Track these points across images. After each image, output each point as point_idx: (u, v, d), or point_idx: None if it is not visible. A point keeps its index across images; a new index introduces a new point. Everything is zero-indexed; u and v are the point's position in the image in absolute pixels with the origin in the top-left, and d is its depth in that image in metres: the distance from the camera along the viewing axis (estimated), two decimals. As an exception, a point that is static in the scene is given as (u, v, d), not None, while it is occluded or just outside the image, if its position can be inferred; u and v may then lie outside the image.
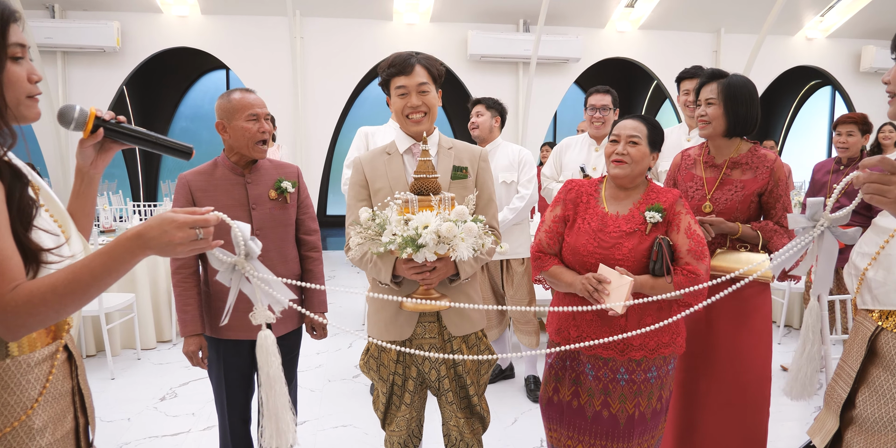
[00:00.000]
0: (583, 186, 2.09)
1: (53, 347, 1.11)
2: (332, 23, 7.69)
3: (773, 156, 2.27)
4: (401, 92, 1.88)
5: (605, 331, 1.94)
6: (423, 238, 1.54)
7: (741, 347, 2.30)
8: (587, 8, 7.87)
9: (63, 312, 0.98)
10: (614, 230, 1.94)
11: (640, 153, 1.96)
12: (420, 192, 1.72)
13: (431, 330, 1.93)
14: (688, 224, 1.93)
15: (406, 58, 1.87)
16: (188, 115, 11.58)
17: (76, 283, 0.98)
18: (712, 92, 2.27)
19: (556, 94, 8.34)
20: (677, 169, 2.47)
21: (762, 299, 2.31)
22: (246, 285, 1.21)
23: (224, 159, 2.15)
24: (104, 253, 1.01)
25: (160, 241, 1.01)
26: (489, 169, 2.03)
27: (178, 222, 1.02)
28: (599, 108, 3.44)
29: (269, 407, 1.24)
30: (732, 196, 2.28)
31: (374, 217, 1.67)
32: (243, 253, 1.17)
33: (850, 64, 8.95)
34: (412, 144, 1.96)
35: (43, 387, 1.06)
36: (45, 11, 7.24)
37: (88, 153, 1.22)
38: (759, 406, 2.35)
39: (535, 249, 2.09)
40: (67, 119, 1.14)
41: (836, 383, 1.40)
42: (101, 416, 3.25)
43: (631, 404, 1.95)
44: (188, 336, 2.11)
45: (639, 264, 1.91)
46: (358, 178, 1.96)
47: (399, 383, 1.98)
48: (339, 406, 3.43)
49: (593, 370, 1.99)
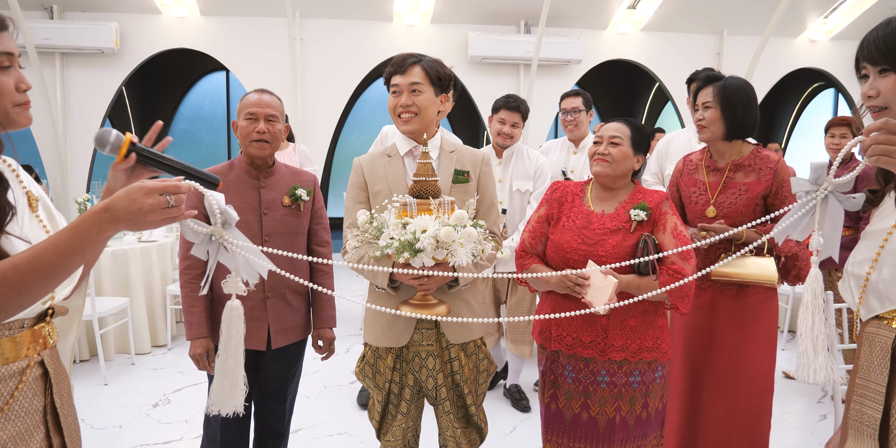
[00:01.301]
0: (568, 187, 2.09)
1: (24, 363, 1.05)
2: (332, 24, 7.65)
3: (776, 157, 2.24)
4: (393, 89, 1.90)
5: (586, 329, 1.92)
6: (421, 242, 1.50)
7: (744, 355, 2.26)
8: (589, 9, 7.82)
9: (25, 294, 0.93)
10: (599, 227, 1.94)
11: (621, 153, 1.96)
12: (419, 196, 1.69)
13: (429, 337, 1.89)
14: (674, 224, 1.92)
15: (405, 57, 1.89)
16: (188, 116, 11.54)
17: (38, 260, 0.93)
18: (708, 96, 2.26)
19: (557, 96, 8.15)
20: (679, 174, 2.43)
21: (768, 306, 2.26)
22: (224, 255, 1.20)
23: (240, 161, 2.15)
24: (70, 229, 0.96)
25: (129, 210, 0.97)
26: (491, 173, 2.02)
27: (147, 188, 0.98)
28: (570, 110, 3.50)
29: (221, 373, 1.24)
30: (737, 199, 2.23)
31: (371, 220, 1.62)
32: (220, 221, 1.16)
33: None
34: (413, 147, 1.94)
35: (5, 403, 1.01)
36: (43, 12, 7.20)
37: (119, 176, 1.20)
38: (760, 415, 2.30)
39: (518, 249, 2.09)
40: (103, 143, 1.14)
41: (863, 404, 1.26)
42: (93, 422, 3.20)
43: (611, 408, 1.92)
44: (195, 339, 2.06)
45: (623, 261, 1.87)
46: (357, 180, 1.95)
47: (395, 391, 1.93)
48: (336, 413, 3.37)
49: (573, 372, 1.96)
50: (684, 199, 2.40)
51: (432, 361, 1.89)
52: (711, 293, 2.28)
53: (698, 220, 2.31)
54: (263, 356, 2.19)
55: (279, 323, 2.14)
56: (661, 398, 1.98)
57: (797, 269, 2.22)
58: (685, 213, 2.41)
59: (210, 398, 1.25)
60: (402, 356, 1.91)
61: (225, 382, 1.23)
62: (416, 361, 1.90)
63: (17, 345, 1.04)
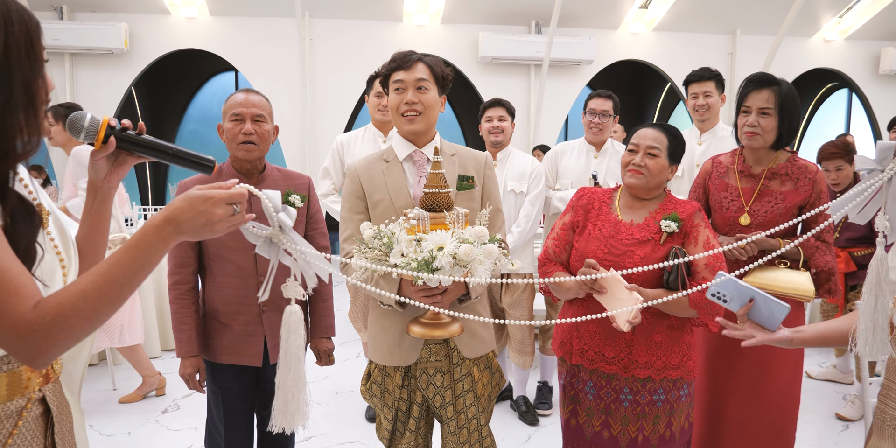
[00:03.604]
0: (595, 193, 1.99)
1: (22, 401, 0.96)
2: (342, 24, 7.60)
3: (814, 167, 2.14)
4: (397, 86, 1.78)
5: (609, 344, 1.84)
6: (439, 261, 1.39)
7: (771, 366, 2.19)
8: (600, 9, 7.74)
9: (97, 321, 0.87)
10: (627, 238, 1.84)
11: (658, 166, 1.85)
12: (431, 209, 1.56)
13: (438, 352, 1.79)
14: (706, 237, 1.82)
15: (407, 53, 1.78)
16: (197, 117, 11.52)
17: (108, 284, 0.87)
18: (767, 101, 2.10)
19: (568, 96, 8.21)
20: (708, 176, 2.33)
21: (796, 315, 2.19)
22: (285, 257, 1.13)
23: (228, 167, 2.03)
24: (132, 246, 0.90)
25: (196, 222, 0.93)
26: (495, 176, 1.90)
27: (215, 199, 0.94)
28: (599, 113, 3.27)
29: (282, 387, 1.15)
30: (772, 208, 2.15)
31: (379, 235, 1.51)
32: (277, 225, 1.09)
33: (868, 66, 8.77)
34: (413, 151, 1.82)
35: (3, 444, 0.94)
36: (53, 13, 7.19)
37: (101, 166, 1.10)
38: (785, 427, 2.24)
39: (541, 257, 2.00)
40: (77, 128, 1.03)
41: (886, 405, 1.31)
42: (101, 429, 3.16)
43: (634, 427, 1.84)
44: (185, 357, 1.97)
45: (651, 275, 1.79)
46: (354, 189, 1.82)
47: (403, 409, 1.84)
48: (346, 421, 3.31)
49: (595, 388, 1.88)
50: (713, 203, 2.31)
51: (440, 378, 1.80)
52: None
53: (730, 226, 2.23)
54: (262, 371, 2.10)
55: (276, 336, 2.01)
56: (687, 417, 1.91)
57: (831, 283, 2.15)
58: (713, 217, 2.32)
59: (273, 416, 1.15)
60: (410, 373, 1.82)
61: (288, 398, 1.14)
62: (423, 378, 1.81)
63: (15, 380, 0.96)
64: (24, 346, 0.82)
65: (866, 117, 9.23)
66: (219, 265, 1.98)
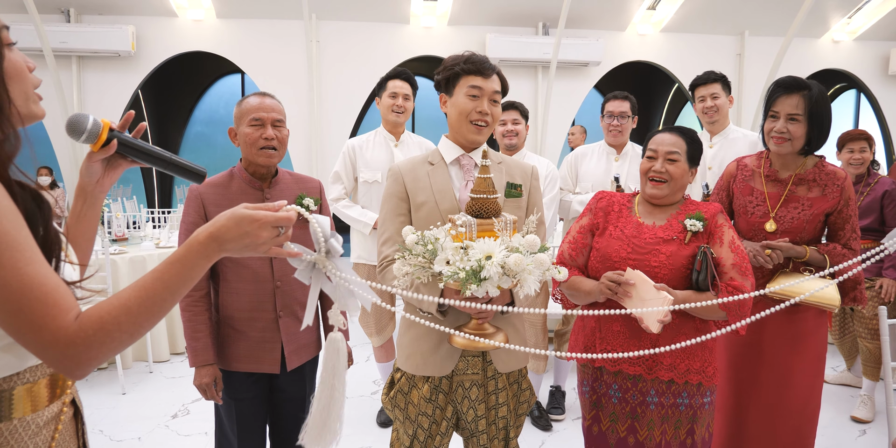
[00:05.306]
0: (615, 197, 1.96)
1: (60, 404, 0.96)
2: (349, 26, 7.58)
3: (842, 173, 2.10)
4: (474, 93, 1.70)
5: (634, 344, 1.80)
6: (487, 270, 1.33)
7: (793, 372, 2.16)
8: (608, 10, 7.70)
9: (136, 335, 0.87)
10: (651, 237, 1.80)
11: (679, 171, 1.83)
12: (478, 214, 1.49)
13: (475, 365, 1.72)
14: (731, 237, 1.79)
15: (485, 59, 1.72)
16: (203, 119, 11.52)
17: (150, 299, 0.86)
18: (796, 107, 2.05)
19: (575, 98, 8.18)
20: (732, 179, 2.29)
21: (819, 322, 2.16)
22: (327, 284, 1.10)
23: (241, 171, 1.99)
24: (176, 261, 0.89)
25: (241, 243, 0.92)
26: (539, 188, 1.86)
27: (262, 221, 0.93)
28: (617, 115, 3.25)
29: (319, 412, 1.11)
30: (799, 215, 2.10)
31: (422, 241, 1.45)
32: (324, 250, 1.06)
33: (877, 67, 8.71)
34: (461, 155, 1.77)
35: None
36: (60, 15, 7.19)
37: (96, 169, 1.10)
38: (806, 433, 2.21)
39: (556, 262, 1.94)
40: (79, 130, 1.02)
41: None
42: (111, 434, 3.13)
43: (658, 431, 1.81)
44: (200, 366, 1.91)
45: (677, 274, 1.76)
46: (396, 189, 1.75)
47: (425, 426, 1.74)
48: (359, 426, 3.28)
49: (620, 391, 1.84)
50: (737, 207, 2.27)
51: (476, 391, 1.73)
52: (761, 309, 2.17)
53: (754, 232, 2.19)
54: (277, 379, 2.05)
55: (293, 342, 2.01)
56: (708, 427, 1.87)
57: (857, 291, 2.11)
58: (737, 221, 2.28)
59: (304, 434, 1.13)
60: (440, 387, 1.73)
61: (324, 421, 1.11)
62: (458, 392, 1.73)
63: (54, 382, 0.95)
64: (65, 359, 0.82)
65: (875, 118, 9.17)
66: (234, 271, 1.95)
